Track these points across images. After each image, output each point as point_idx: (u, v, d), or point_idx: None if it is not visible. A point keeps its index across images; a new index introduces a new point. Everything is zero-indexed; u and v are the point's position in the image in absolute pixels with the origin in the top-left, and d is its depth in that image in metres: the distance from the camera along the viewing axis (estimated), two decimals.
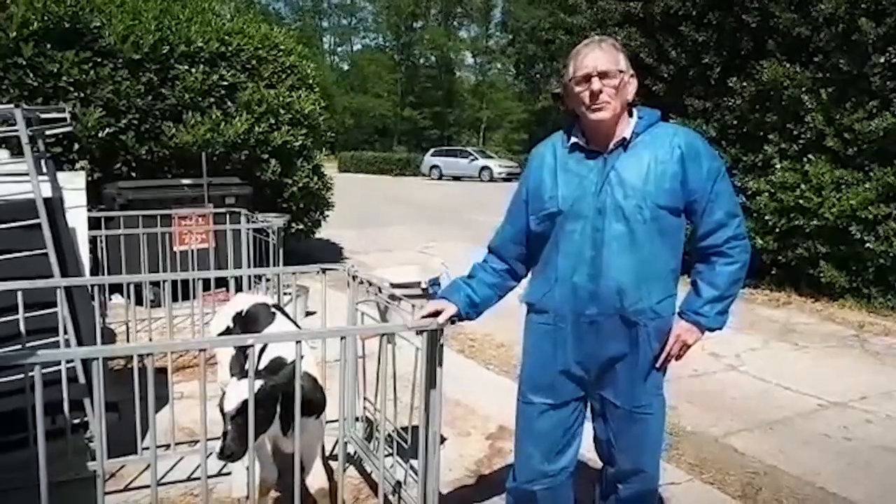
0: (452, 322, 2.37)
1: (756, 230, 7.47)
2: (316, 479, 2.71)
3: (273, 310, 2.99)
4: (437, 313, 2.33)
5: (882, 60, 6.51)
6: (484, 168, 29.26)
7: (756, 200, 7.50)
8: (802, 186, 7.10)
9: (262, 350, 2.62)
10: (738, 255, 2.19)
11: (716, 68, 7.83)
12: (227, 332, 3.01)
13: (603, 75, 2.08)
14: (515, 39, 42.65)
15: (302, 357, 2.21)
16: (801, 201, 7.09)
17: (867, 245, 6.70)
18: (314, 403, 2.49)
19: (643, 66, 8.35)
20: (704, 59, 7.88)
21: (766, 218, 7.40)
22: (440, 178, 30.06)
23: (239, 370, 2.31)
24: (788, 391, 4.70)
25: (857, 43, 6.62)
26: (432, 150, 33.24)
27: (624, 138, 2.15)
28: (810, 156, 7.15)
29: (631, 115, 2.20)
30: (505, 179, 26.61)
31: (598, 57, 2.10)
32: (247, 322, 2.94)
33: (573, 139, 2.21)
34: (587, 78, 2.09)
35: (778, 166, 7.39)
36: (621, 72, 2.11)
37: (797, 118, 7.21)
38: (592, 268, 2.14)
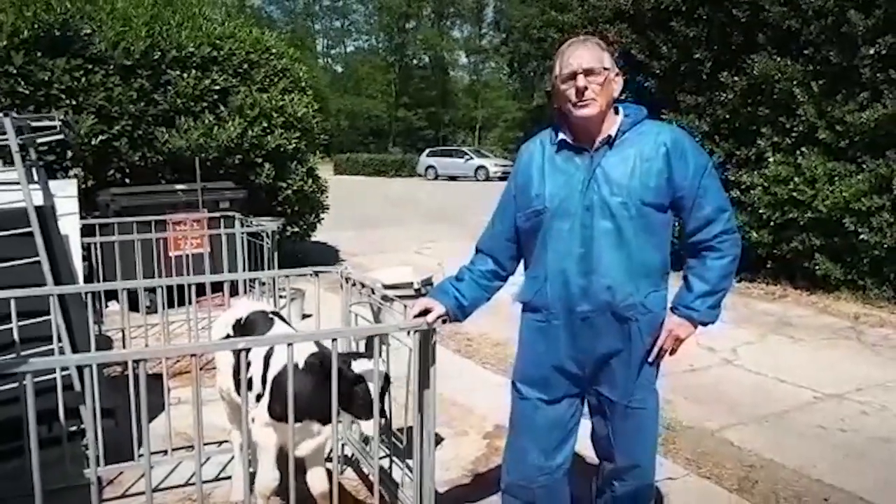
0: (444, 322, 2.38)
1: (750, 224, 7.49)
2: (320, 482, 2.71)
3: (271, 316, 3.00)
4: (426, 312, 2.34)
5: (872, 52, 6.53)
6: (480, 167, 29.29)
7: (750, 194, 7.52)
8: (796, 179, 7.11)
9: (269, 357, 2.64)
10: (729, 250, 2.21)
11: (707, 63, 7.85)
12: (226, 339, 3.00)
13: (588, 72, 2.10)
14: (508, 38, 42.58)
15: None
16: (794, 194, 7.11)
17: (861, 237, 6.72)
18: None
19: (635, 63, 8.37)
20: (695, 54, 7.90)
21: (761, 212, 7.42)
22: (436, 178, 30.08)
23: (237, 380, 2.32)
24: (784, 384, 4.72)
25: (847, 35, 6.64)
26: (428, 151, 33.25)
27: (609, 136, 2.16)
28: (803, 149, 7.17)
29: (617, 112, 2.21)
30: (501, 178, 26.56)
31: (583, 55, 2.12)
32: (245, 330, 2.94)
33: (561, 136, 2.22)
34: (572, 75, 2.11)
35: (771, 160, 7.41)
36: (606, 69, 2.13)
37: (789, 111, 7.23)
38: (583, 264, 2.15)
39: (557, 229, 2.18)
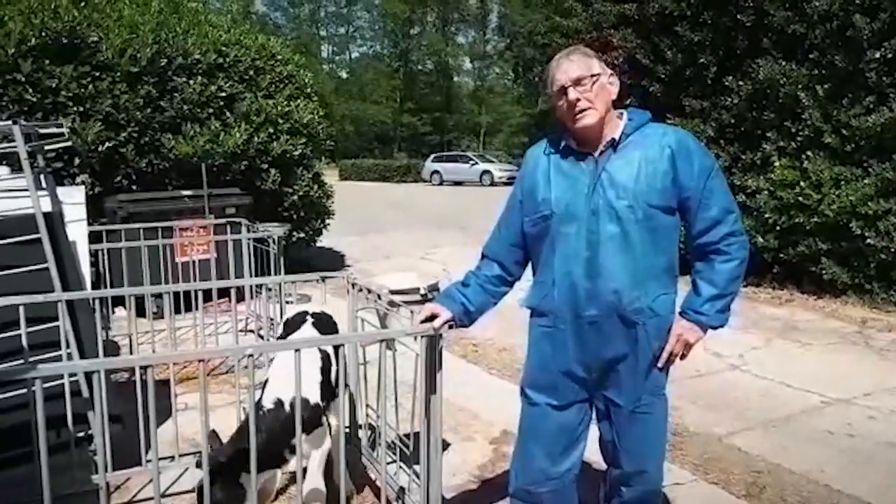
0: (450, 327, 2.38)
1: (757, 228, 7.47)
2: (309, 490, 2.69)
3: (307, 317, 3.13)
4: (433, 317, 2.34)
5: (877, 56, 6.52)
6: (485, 172, 29.29)
7: (756, 199, 7.50)
8: (802, 184, 7.10)
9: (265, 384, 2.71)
10: (737, 252, 2.20)
11: (712, 68, 7.85)
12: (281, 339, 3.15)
13: (576, 83, 2.11)
14: (512, 43, 42.77)
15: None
16: (800, 198, 7.09)
17: (868, 241, 6.69)
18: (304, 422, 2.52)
19: (640, 68, 8.37)
20: (700, 58, 7.89)
21: (767, 216, 7.40)
22: (441, 183, 30.09)
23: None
24: (791, 389, 4.70)
25: (852, 39, 6.63)
26: (433, 156, 33.32)
27: (613, 139, 2.17)
28: (809, 153, 7.15)
29: (620, 116, 2.22)
30: (506, 183, 26.55)
31: (568, 68, 2.13)
32: (287, 329, 3.14)
33: (564, 142, 2.23)
34: (563, 91, 2.13)
35: (777, 164, 7.39)
36: (594, 75, 2.13)
37: (794, 115, 7.22)
38: (589, 268, 2.15)
39: (564, 234, 2.18)
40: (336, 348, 2.48)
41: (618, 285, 2.13)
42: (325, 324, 3.14)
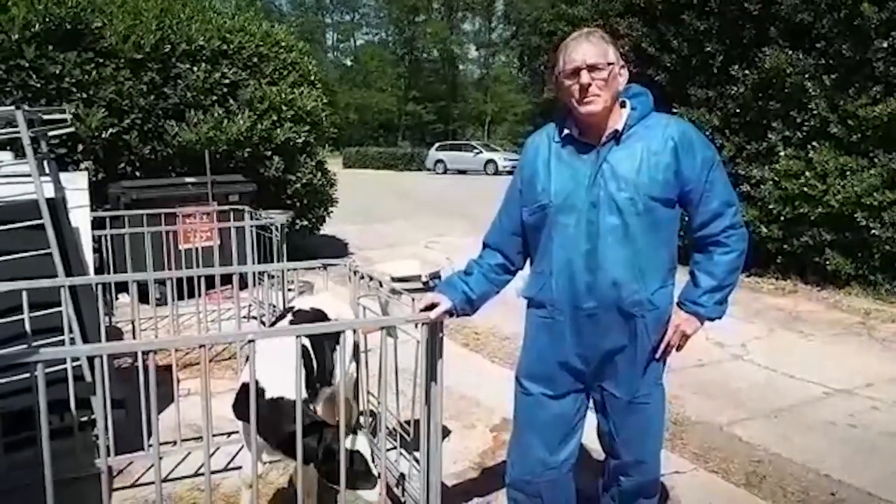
0: (451, 315, 2.38)
1: (761, 218, 7.45)
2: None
3: (287, 314, 3.00)
4: (433, 307, 2.34)
5: (885, 45, 6.47)
6: (489, 161, 29.21)
7: (760, 189, 7.48)
8: (807, 174, 7.06)
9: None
10: (736, 244, 2.19)
11: (718, 57, 7.80)
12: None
13: (592, 68, 2.06)
14: (518, 31, 42.48)
15: None
16: (805, 189, 7.06)
17: (873, 232, 6.67)
18: None
19: (645, 56, 8.33)
20: (706, 47, 7.84)
21: (771, 206, 7.38)
22: (445, 172, 30.03)
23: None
24: (794, 379, 4.70)
25: (860, 28, 6.58)
26: (437, 145, 33.23)
27: (616, 130, 2.14)
28: (814, 143, 7.12)
29: (623, 106, 2.19)
30: (510, 172, 26.13)
31: (587, 50, 2.08)
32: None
33: (566, 131, 2.20)
34: (576, 72, 2.08)
35: (782, 154, 7.36)
36: (610, 64, 2.09)
37: (800, 105, 7.18)
38: (589, 260, 2.14)
39: (563, 225, 2.16)
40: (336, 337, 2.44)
41: (618, 278, 2.12)
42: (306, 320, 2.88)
